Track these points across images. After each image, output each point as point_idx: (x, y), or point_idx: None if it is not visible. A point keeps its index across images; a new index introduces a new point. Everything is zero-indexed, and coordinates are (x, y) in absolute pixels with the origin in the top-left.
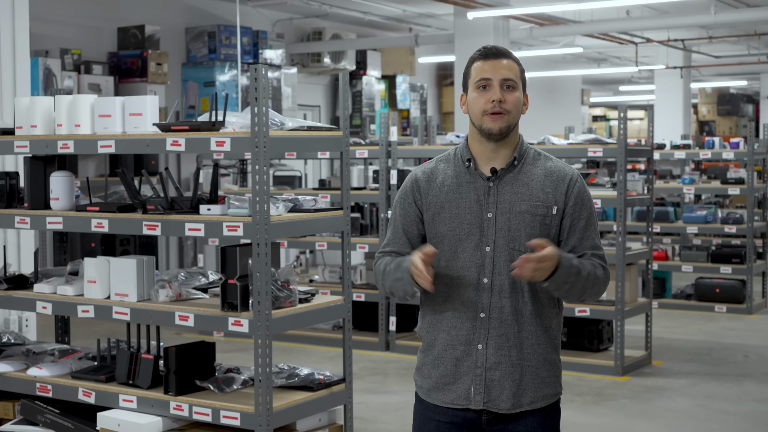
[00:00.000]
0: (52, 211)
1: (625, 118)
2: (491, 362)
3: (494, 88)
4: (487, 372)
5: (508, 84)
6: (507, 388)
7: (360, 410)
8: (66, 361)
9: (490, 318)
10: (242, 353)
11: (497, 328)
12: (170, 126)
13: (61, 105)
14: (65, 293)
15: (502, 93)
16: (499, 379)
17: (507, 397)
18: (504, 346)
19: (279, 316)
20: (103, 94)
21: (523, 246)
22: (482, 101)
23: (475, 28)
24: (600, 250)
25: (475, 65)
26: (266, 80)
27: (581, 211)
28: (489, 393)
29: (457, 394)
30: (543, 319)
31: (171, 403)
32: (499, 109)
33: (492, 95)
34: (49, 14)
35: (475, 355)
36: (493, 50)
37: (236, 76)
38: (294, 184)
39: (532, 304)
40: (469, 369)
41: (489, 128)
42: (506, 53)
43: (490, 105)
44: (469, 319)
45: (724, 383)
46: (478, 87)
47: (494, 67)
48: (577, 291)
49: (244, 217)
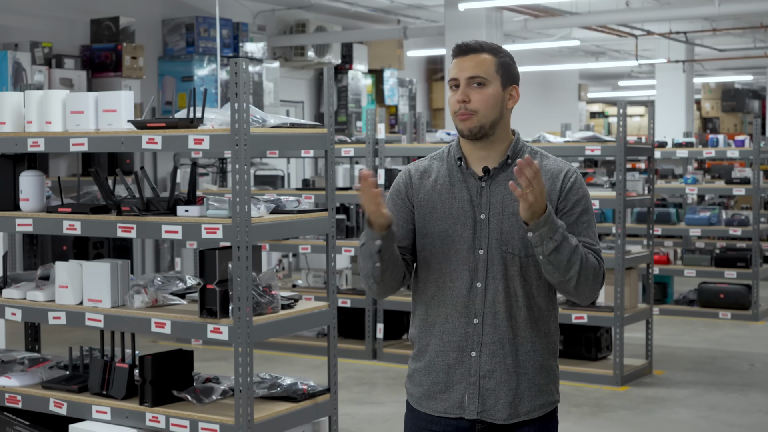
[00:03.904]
0: (21, 213)
1: (624, 114)
2: (485, 370)
3: (461, 88)
4: (481, 380)
5: (478, 81)
6: (503, 398)
7: (346, 422)
8: (36, 371)
9: (484, 324)
10: (222, 362)
11: (491, 334)
12: (146, 123)
13: (31, 101)
14: (35, 299)
15: (469, 92)
16: (494, 387)
17: (503, 407)
18: (499, 353)
19: (260, 323)
20: (75, 90)
21: (516, 248)
22: (453, 102)
23: (467, 20)
24: (596, 245)
25: (451, 64)
26: (247, 75)
27: (574, 206)
28: (483, 402)
29: (450, 402)
30: (539, 324)
31: (147, 415)
32: (465, 110)
33: (459, 95)
34: (18, 5)
35: (468, 362)
36: (462, 47)
37: (215, 71)
38: (276, 184)
39: (527, 309)
40: (462, 377)
41: (460, 129)
42: (477, 48)
43: (458, 106)
44: (462, 325)
45: (729, 393)
46: (450, 87)
47: (460, 65)
48: (564, 260)
49: (223, 218)
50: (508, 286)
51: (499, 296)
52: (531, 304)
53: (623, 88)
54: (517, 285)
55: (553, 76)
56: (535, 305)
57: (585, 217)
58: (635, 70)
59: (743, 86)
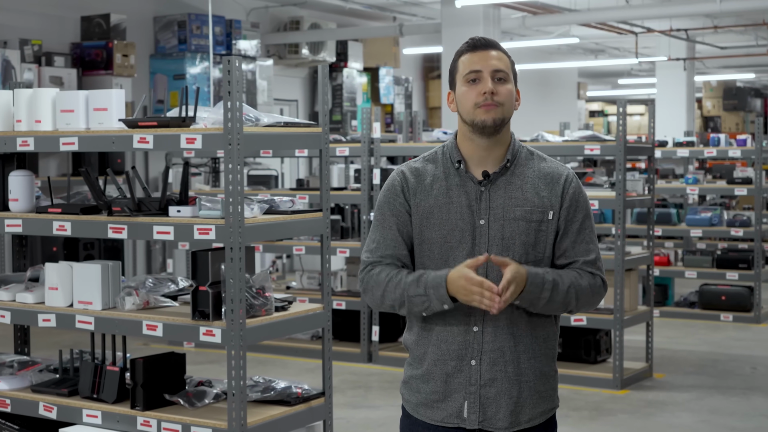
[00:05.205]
0: (10, 213)
1: (624, 113)
2: (486, 379)
3: (485, 79)
4: (481, 389)
5: (500, 76)
6: (504, 406)
7: (340, 426)
8: (26, 374)
9: (484, 332)
10: (214, 365)
11: (491, 342)
12: (137, 122)
13: (20, 99)
14: (25, 301)
15: (494, 85)
16: (495, 396)
17: (504, 416)
18: (499, 362)
19: (254, 326)
20: (65, 88)
21: (517, 255)
22: (473, 94)
23: (464, 17)
24: (593, 254)
25: (463, 58)
26: (240, 73)
27: (576, 213)
28: (484, 412)
29: (448, 412)
30: (539, 330)
31: (138, 419)
32: (492, 101)
33: (483, 87)
34: (7, 2)
35: (468, 371)
36: (481, 41)
37: (208, 69)
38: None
39: (527, 315)
40: (461, 386)
41: (483, 120)
42: (495, 44)
43: (482, 97)
44: (461, 333)
45: (731, 397)
46: (467, 81)
47: (484, 58)
48: (558, 305)
49: (216, 219)
50: None
51: None
52: None
53: (623, 87)
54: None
55: (551, 74)
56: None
57: (587, 222)
58: (635, 68)
59: (745, 84)
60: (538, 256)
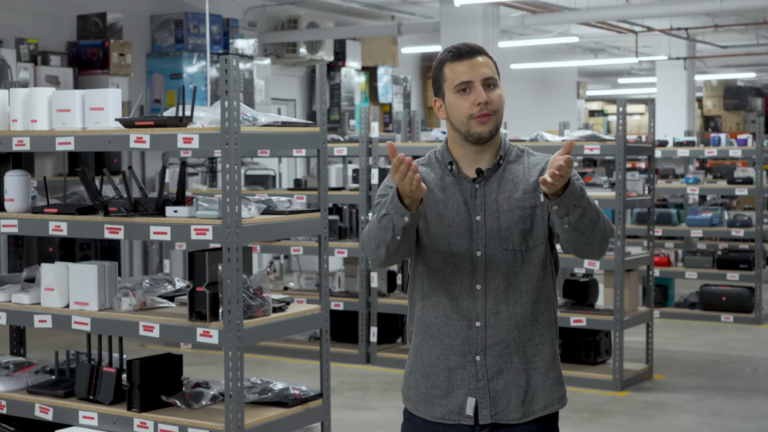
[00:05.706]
0: (6, 213)
1: (624, 112)
2: (492, 372)
3: (477, 90)
4: (489, 383)
5: (489, 82)
6: (514, 397)
7: (338, 428)
8: (21, 375)
9: (487, 326)
10: (212, 366)
11: (494, 336)
12: (134, 121)
13: (16, 99)
14: (21, 301)
15: (486, 93)
16: (504, 388)
17: (516, 407)
18: (504, 354)
19: (251, 327)
20: (61, 87)
21: (516, 244)
22: (466, 105)
23: (463, 15)
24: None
25: (449, 67)
26: (237, 72)
27: None
28: (496, 405)
29: (449, 408)
30: (543, 316)
31: (135, 420)
32: (487, 110)
33: (476, 98)
34: (2, 1)
35: (473, 367)
36: (466, 49)
37: (205, 68)
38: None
39: (531, 303)
40: (464, 382)
41: (479, 133)
42: (480, 49)
43: (477, 108)
44: (464, 329)
45: (731, 399)
46: (458, 91)
47: (472, 66)
48: (589, 221)
49: (213, 219)
50: (510, 284)
51: (501, 296)
52: (535, 297)
53: (623, 86)
54: (520, 281)
55: (551, 73)
56: (541, 297)
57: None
58: (635, 68)
59: (746, 84)
60: (537, 243)
